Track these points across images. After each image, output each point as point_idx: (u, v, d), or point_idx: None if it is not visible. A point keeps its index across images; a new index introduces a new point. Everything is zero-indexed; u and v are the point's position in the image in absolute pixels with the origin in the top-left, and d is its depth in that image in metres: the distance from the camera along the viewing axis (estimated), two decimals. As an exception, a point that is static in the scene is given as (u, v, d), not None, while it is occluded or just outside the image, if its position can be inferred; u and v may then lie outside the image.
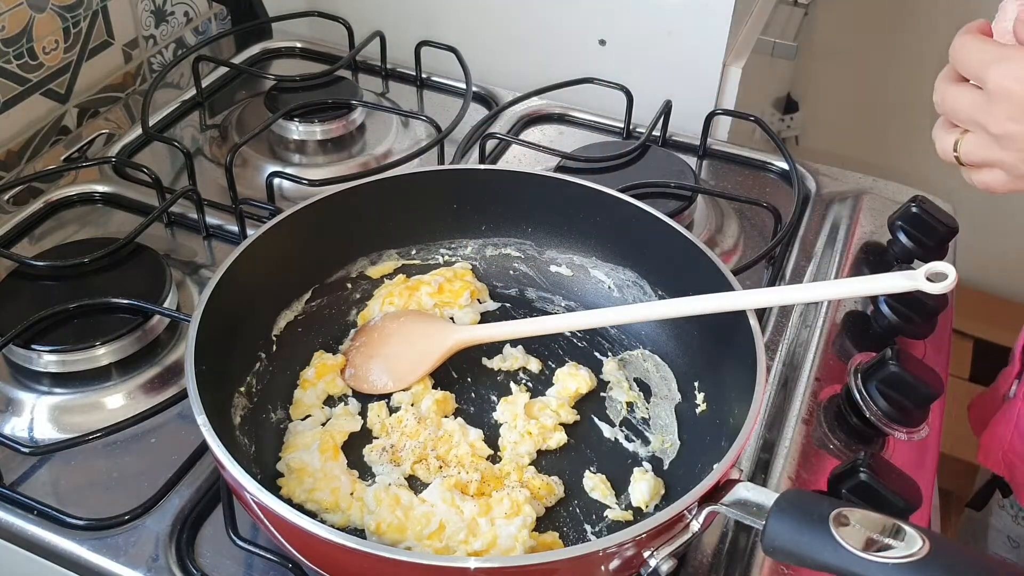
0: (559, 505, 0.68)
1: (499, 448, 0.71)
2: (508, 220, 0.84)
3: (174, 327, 0.81)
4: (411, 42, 1.12)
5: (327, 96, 1.04)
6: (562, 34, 1.19)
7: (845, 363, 0.80)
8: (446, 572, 0.53)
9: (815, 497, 0.55)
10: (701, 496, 0.56)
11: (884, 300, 0.81)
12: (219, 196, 0.94)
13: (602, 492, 0.68)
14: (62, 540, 0.65)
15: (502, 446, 0.71)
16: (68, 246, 0.85)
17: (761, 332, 0.66)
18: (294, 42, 1.22)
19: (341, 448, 0.70)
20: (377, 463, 0.69)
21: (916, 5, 1.83)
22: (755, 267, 0.88)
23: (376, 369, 0.75)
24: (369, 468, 0.69)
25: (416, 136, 1.07)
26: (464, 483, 0.66)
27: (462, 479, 0.66)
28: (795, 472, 0.71)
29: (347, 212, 0.79)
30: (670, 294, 0.77)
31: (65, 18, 1.04)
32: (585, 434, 0.73)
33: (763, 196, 0.96)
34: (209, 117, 1.09)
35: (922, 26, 1.85)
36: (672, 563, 0.56)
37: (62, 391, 0.76)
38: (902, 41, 1.87)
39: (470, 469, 0.68)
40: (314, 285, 0.79)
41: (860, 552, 0.50)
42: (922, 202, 0.88)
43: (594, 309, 0.78)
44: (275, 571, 0.64)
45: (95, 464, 0.71)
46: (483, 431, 0.71)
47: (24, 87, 1.02)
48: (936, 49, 1.96)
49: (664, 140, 1.06)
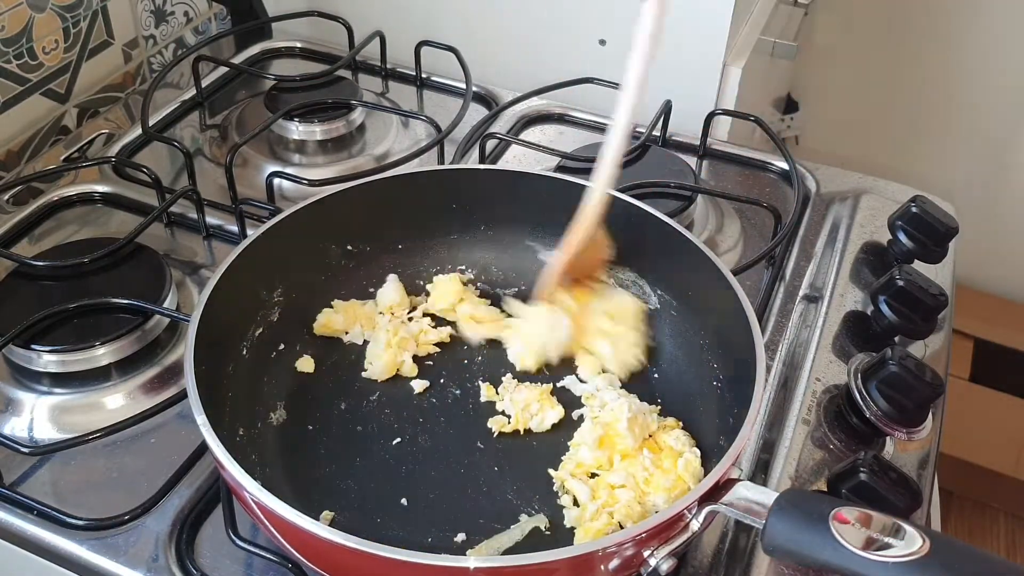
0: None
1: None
2: (508, 220, 0.84)
3: (174, 327, 0.81)
4: (411, 42, 1.12)
5: (327, 96, 1.05)
6: (562, 34, 1.19)
7: (845, 363, 0.80)
8: (446, 572, 0.53)
9: (815, 496, 0.55)
10: (701, 496, 0.56)
11: (884, 300, 0.81)
12: (219, 196, 0.94)
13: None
14: (62, 540, 0.65)
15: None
16: (68, 246, 0.85)
17: (761, 332, 0.66)
18: (294, 42, 1.22)
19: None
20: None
21: (916, 5, 1.83)
22: (755, 267, 0.88)
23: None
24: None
25: (416, 136, 1.07)
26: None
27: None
28: (795, 472, 0.71)
29: (347, 212, 0.79)
30: (670, 294, 0.77)
31: (65, 18, 1.04)
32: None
33: (763, 196, 0.96)
34: (209, 117, 1.09)
35: (922, 26, 1.85)
36: (672, 563, 0.56)
37: (62, 391, 0.76)
38: (902, 41, 1.87)
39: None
40: (314, 285, 0.79)
41: (860, 551, 0.50)
42: (922, 202, 0.88)
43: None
44: (275, 571, 0.64)
45: (95, 464, 0.71)
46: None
47: (24, 87, 1.02)
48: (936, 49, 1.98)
49: (664, 140, 1.06)
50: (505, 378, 0.76)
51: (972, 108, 1.90)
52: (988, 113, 1.89)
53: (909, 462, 0.74)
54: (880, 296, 0.81)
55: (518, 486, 0.68)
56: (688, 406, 0.73)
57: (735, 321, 0.67)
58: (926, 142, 1.97)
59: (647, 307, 0.79)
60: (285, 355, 0.76)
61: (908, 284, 0.80)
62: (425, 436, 0.72)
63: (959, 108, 1.91)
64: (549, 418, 0.73)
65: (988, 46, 1.83)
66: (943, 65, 1.88)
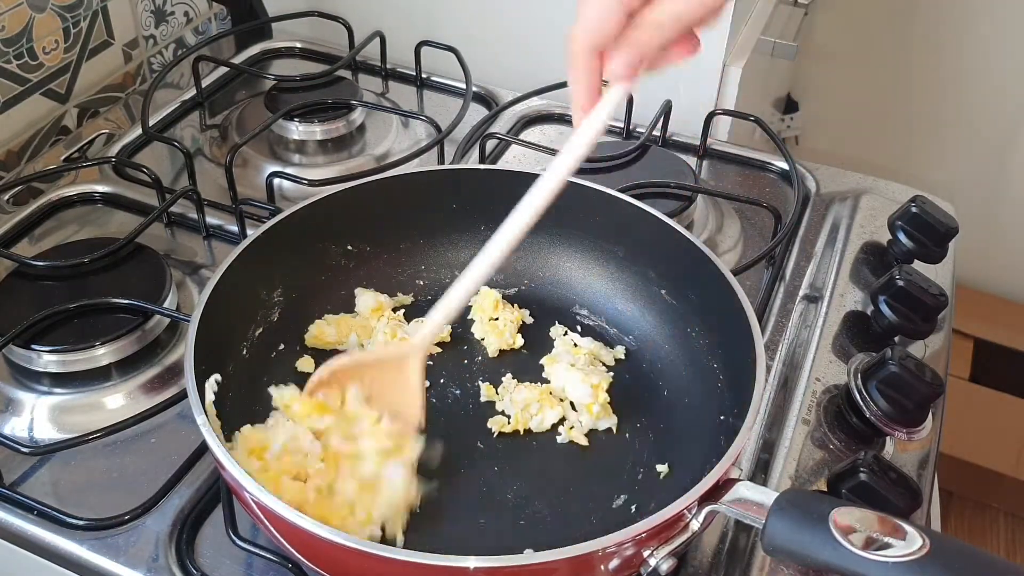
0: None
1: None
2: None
3: (174, 327, 0.81)
4: (411, 42, 1.12)
5: (327, 96, 1.05)
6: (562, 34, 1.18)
7: (845, 363, 0.80)
8: (446, 572, 0.53)
9: (815, 496, 0.55)
10: (701, 495, 0.56)
11: (884, 300, 0.81)
12: (219, 196, 0.94)
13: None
14: (62, 540, 0.65)
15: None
16: (68, 246, 0.85)
17: (761, 332, 0.66)
18: (294, 42, 1.22)
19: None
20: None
21: (916, 5, 1.83)
22: (755, 267, 0.88)
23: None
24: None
25: (416, 136, 1.07)
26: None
27: None
28: (795, 472, 0.71)
29: (347, 212, 0.79)
30: (670, 294, 0.77)
31: (65, 18, 1.04)
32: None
33: (763, 196, 0.96)
34: (209, 117, 1.09)
35: (922, 26, 1.85)
36: (672, 562, 0.56)
37: (62, 391, 0.76)
38: (902, 41, 1.88)
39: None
40: (314, 285, 0.79)
41: (860, 551, 0.50)
42: (922, 202, 0.88)
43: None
44: (275, 571, 0.64)
45: (95, 464, 0.71)
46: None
47: (24, 87, 1.02)
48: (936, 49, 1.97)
49: (664, 140, 1.06)
50: (505, 378, 0.76)
51: (972, 108, 1.90)
52: (988, 113, 1.89)
53: (909, 462, 0.74)
54: (880, 296, 0.81)
55: (518, 486, 0.68)
56: (688, 406, 0.73)
57: (735, 321, 0.67)
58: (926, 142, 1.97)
59: (614, 356, 0.78)
60: (285, 355, 0.76)
61: (908, 284, 0.80)
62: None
63: (959, 108, 1.91)
64: (549, 418, 0.73)
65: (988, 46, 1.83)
66: (943, 65, 1.88)
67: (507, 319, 0.80)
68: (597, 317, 0.81)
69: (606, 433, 0.73)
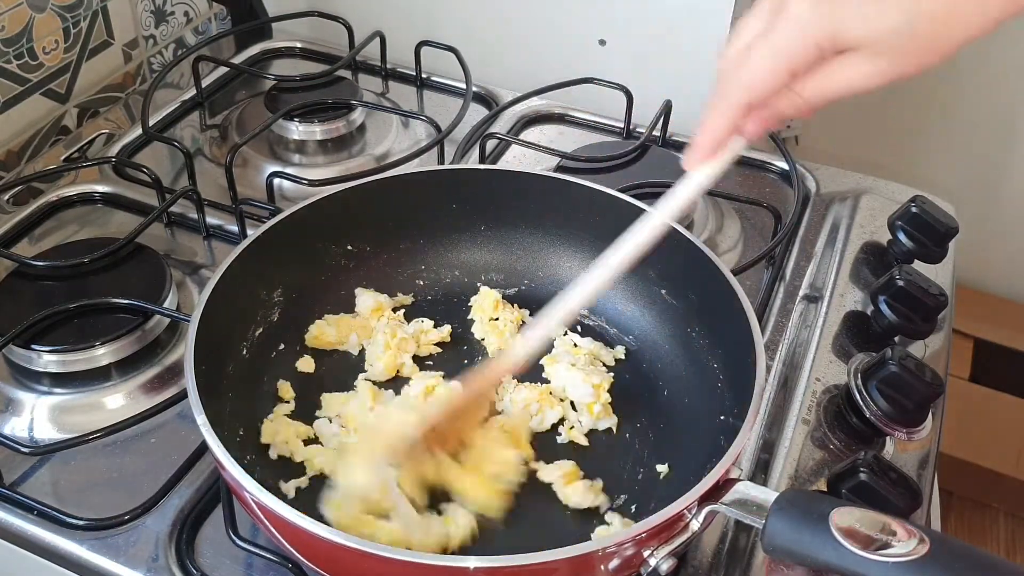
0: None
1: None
2: (508, 220, 0.84)
3: (174, 327, 0.81)
4: (411, 42, 1.12)
5: (327, 96, 1.05)
6: (562, 34, 1.19)
7: (845, 363, 0.80)
8: (446, 572, 0.53)
9: (815, 496, 0.55)
10: (701, 495, 0.56)
11: (884, 300, 0.81)
12: (219, 196, 0.94)
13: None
14: (62, 540, 0.65)
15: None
16: (68, 246, 0.85)
17: (761, 332, 0.66)
18: (294, 42, 1.22)
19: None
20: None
21: (916, 5, 1.83)
22: (755, 267, 0.88)
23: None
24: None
25: (416, 136, 1.07)
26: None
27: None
28: (795, 472, 0.71)
29: (347, 212, 0.79)
30: (670, 294, 0.77)
31: (65, 18, 1.04)
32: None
33: (763, 196, 0.96)
34: (209, 117, 1.09)
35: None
36: (672, 562, 0.56)
37: (62, 391, 0.76)
38: (902, 41, 1.87)
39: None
40: (314, 285, 0.79)
41: (860, 551, 0.50)
42: (922, 202, 0.88)
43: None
44: (275, 571, 0.64)
45: (95, 464, 0.71)
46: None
47: (24, 87, 1.02)
48: (936, 49, 1.94)
49: (664, 140, 1.05)
50: (505, 378, 0.76)
51: (972, 108, 1.90)
52: (988, 113, 1.89)
53: (909, 462, 0.74)
54: (880, 296, 0.81)
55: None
56: (688, 406, 0.73)
57: (735, 321, 0.67)
58: (926, 142, 1.97)
59: (614, 356, 0.78)
60: (285, 355, 0.76)
61: (908, 284, 0.80)
62: (425, 436, 0.72)
63: (959, 108, 1.91)
64: (549, 418, 0.73)
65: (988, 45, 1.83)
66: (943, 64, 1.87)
67: (507, 319, 0.80)
68: (597, 317, 0.81)
69: (606, 433, 0.73)
